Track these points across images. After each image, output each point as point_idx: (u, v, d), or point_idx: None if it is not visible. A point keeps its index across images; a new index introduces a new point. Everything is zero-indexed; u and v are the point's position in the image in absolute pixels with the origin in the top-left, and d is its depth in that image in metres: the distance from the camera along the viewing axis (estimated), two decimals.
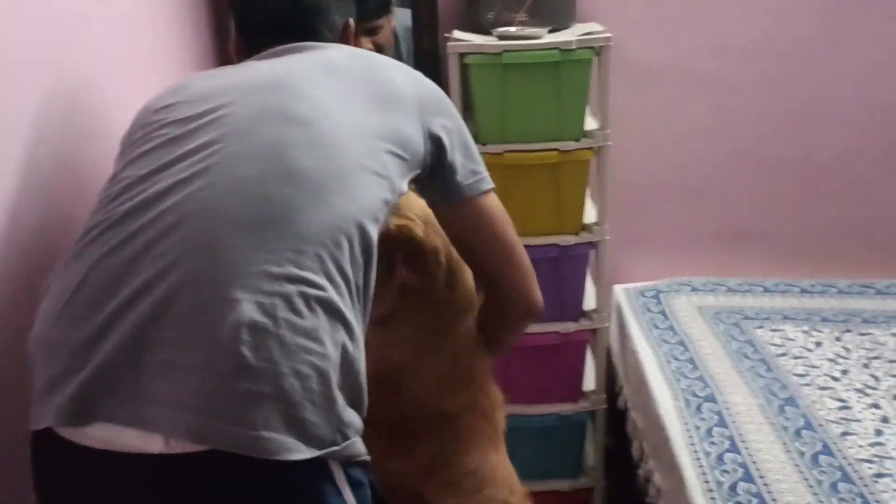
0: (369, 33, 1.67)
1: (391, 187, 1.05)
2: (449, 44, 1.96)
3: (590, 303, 2.18)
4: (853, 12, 2.29)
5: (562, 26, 2.05)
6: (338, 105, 1.06)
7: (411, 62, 2.18)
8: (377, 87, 1.11)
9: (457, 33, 2.04)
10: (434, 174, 1.16)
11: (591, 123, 2.05)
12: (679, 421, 1.80)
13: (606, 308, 2.20)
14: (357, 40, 1.33)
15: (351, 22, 1.29)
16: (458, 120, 1.21)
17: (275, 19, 1.22)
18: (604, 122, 2.00)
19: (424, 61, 2.18)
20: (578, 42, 1.92)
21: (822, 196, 2.44)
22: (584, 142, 2.00)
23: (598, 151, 2.02)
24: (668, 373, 1.99)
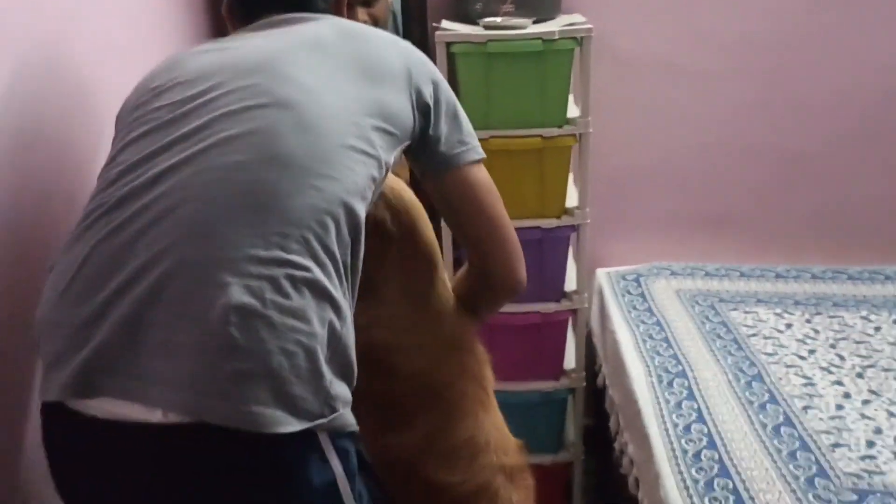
0: (366, 4, 1.66)
1: (378, 164, 1.08)
2: (437, 33, 2.04)
3: (571, 284, 2.27)
4: (832, 6, 2.36)
5: (547, 17, 2.13)
6: (324, 85, 1.08)
7: None
8: (365, 62, 1.13)
9: (445, 23, 2.11)
10: (422, 144, 1.19)
11: (573, 111, 2.13)
12: (651, 395, 1.89)
13: (587, 289, 2.29)
14: (353, 11, 1.33)
15: None
16: (447, 91, 1.23)
17: None
18: (585, 110, 2.08)
19: None
20: (561, 33, 2.00)
21: (800, 185, 2.53)
22: (567, 129, 2.08)
23: (580, 138, 2.11)
24: (643, 351, 2.08)
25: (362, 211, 1.05)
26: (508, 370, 2.26)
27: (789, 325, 2.19)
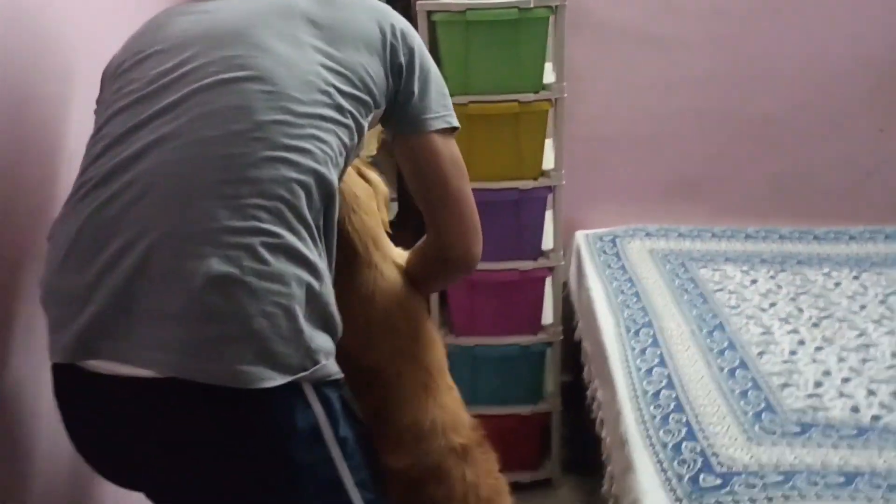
0: None
1: (350, 132, 1.14)
2: (418, 2, 2.14)
3: (549, 244, 2.39)
4: None
5: None
6: (297, 54, 1.12)
7: None
8: (339, 29, 1.17)
9: None
10: (393, 107, 1.23)
11: (549, 77, 2.24)
12: (618, 343, 2.02)
13: (563, 248, 2.40)
14: None
15: None
16: (424, 58, 1.26)
17: None
18: (560, 76, 2.19)
19: None
20: (536, 1, 2.09)
21: (769, 149, 2.64)
22: (543, 94, 2.19)
23: (556, 103, 2.22)
24: (614, 305, 2.21)
25: (334, 177, 1.11)
26: (489, 325, 2.41)
27: (754, 281, 2.31)
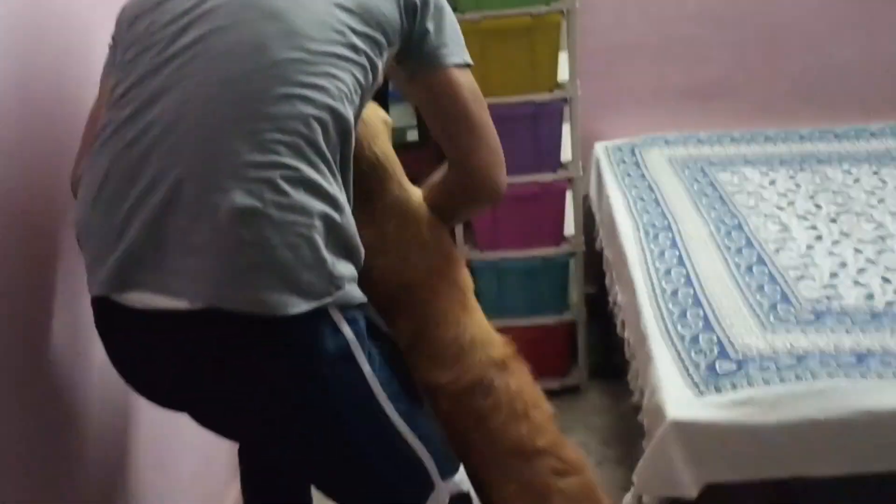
0: None
1: (364, 70, 1.17)
2: None
3: (568, 156, 2.42)
4: None
5: None
6: None
7: None
8: None
9: None
10: (408, 45, 1.26)
11: None
12: (637, 247, 2.06)
13: (583, 160, 2.44)
14: None
15: None
16: None
17: None
18: None
19: None
20: None
21: (786, 50, 2.63)
22: (554, 5, 2.20)
23: (567, 14, 2.22)
24: (634, 211, 2.25)
25: (350, 113, 1.15)
26: (512, 238, 2.46)
27: (773, 182, 2.33)
